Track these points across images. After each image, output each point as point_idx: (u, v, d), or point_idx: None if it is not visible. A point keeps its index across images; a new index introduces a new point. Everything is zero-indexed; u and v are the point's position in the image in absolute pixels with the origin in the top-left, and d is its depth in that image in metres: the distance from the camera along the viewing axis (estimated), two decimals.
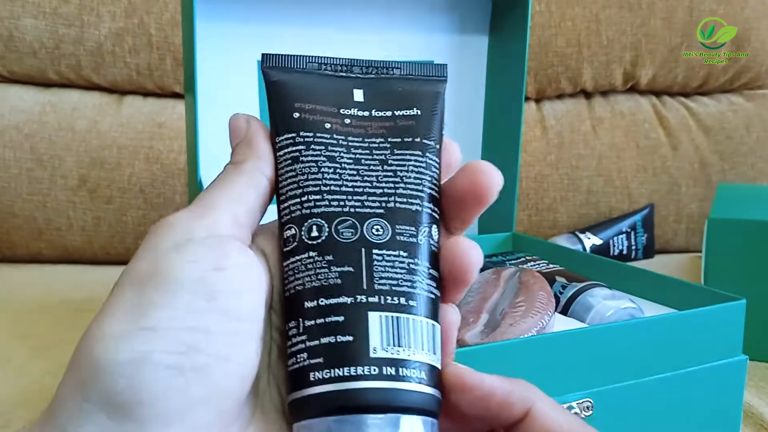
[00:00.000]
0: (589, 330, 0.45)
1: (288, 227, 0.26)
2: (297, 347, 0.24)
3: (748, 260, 0.63)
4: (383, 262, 0.25)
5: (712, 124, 1.03)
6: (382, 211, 0.26)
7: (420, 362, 0.24)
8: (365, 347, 0.24)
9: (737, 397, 0.48)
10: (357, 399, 0.23)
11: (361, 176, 0.27)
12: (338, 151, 0.27)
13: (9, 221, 0.89)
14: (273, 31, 0.63)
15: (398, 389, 0.23)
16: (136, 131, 0.90)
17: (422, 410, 0.24)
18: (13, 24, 0.88)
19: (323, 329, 0.24)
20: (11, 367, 0.60)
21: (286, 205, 0.26)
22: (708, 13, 0.99)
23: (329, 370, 0.23)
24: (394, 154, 0.28)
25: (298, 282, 0.25)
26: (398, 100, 0.29)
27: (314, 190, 0.26)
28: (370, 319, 0.24)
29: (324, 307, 0.24)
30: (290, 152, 0.27)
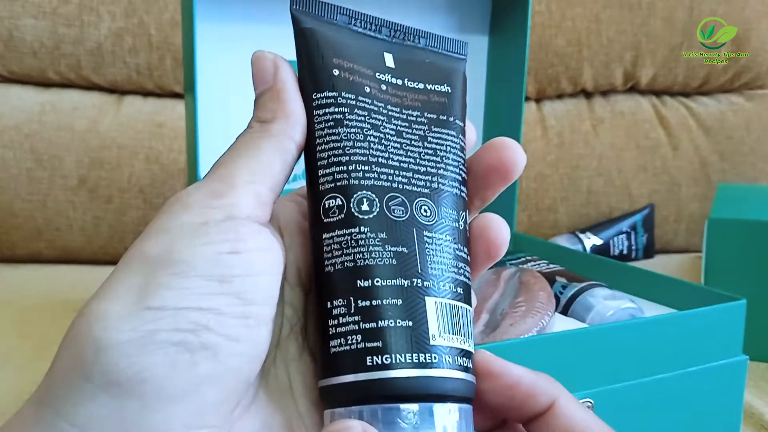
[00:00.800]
0: (589, 330, 0.45)
1: (332, 196, 0.24)
2: (347, 328, 0.23)
3: (748, 260, 0.63)
4: (433, 245, 0.24)
5: (712, 124, 1.02)
6: (428, 191, 0.25)
7: (467, 350, 0.24)
8: (426, 333, 0.23)
9: (737, 398, 0.48)
10: (420, 386, 0.22)
11: (405, 151, 0.25)
12: (381, 119, 0.25)
13: (9, 221, 0.89)
14: (273, 30, 0.63)
15: (457, 378, 0.23)
16: (135, 131, 0.90)
17: (468, 399, 0.23)
18: (13, 24, 0.88)
19: (381, 312, 0.22)
20: (11, 367, 0.60)
21: (329, 172, 0.24)
22: (708, 13, 0.99)
23: (390, 355, 0.22)
24: (432, 131, 0.26)
25: (348, 258, 0.23)
26: (428, 72, 0.28)
27: (362, 159, 0.24)
28: (427, 304, 0.23)
29: (381, 287, 0.23)
30: (332, 113, 0.25)
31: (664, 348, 0.44)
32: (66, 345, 0.22)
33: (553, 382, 0.25)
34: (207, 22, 0.59)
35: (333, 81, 0.25)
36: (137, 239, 0.23)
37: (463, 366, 0.23)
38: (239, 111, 0.62)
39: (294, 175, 0.71)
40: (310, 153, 0.25)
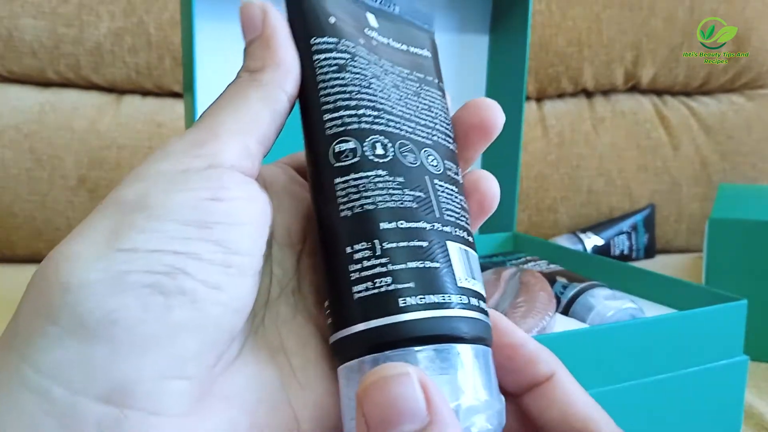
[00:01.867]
0: (589, 330, 0.45)
1: (343, 140, 0.23)
2: (374, 271, 0.22)
3: (749, 260, 0.63)
4: (444, 193, 0.24)
5: (713, 124, 1.02)
6: (430, 142, 0.25)
7: (484, 295, 0.24)
8: (452, 275, 0.22)
9: (738, 398, 0.48)
10: (455, 327, 0.21)
11: (404, 103, 0.25)
12: (378, 71, 0.25)
13: (8, 221, 0.89)
14: None
15: (480, 320, 0.22)
16: (135, 131, 0.90)
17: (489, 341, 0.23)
18: (12, 24, 0.88)
19: (409, 253, 0.22)
20: None
21: (337, 116, 0.23)
22: (709, 13, 0.99)
23: (424, 296, 0.21)
24: (423, 88, 0.26)
25: (367, 201, 0.22)
26: (408, 36, 0.28)
27: (370, 105, 0.24)
28: (450, 247, 0.23)
29: (406, 230, 0.22)
30: (334, 58, 0.24)
31: (664, 348, 0.44)
32: (32, 287, 0.20)
33: (553, 355, 0.24)
34: (206, 22, 0.59)
35: (332, 27, 0.25)
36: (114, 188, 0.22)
37: (483, 309, 0.23)
38: None
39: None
40: (310, 98, 0.24)
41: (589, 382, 0.42)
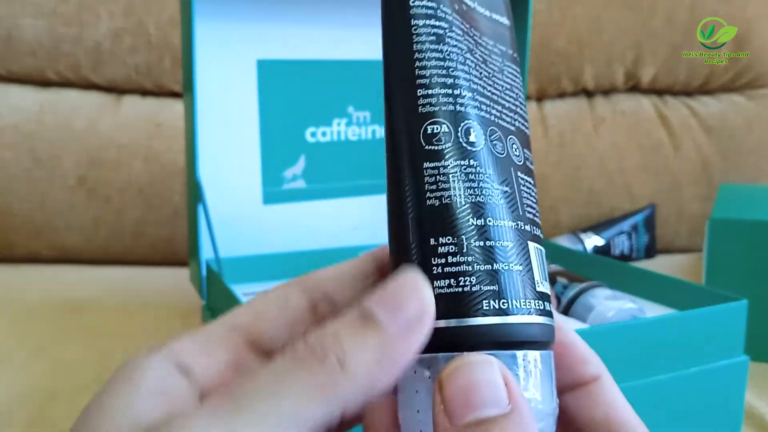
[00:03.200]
0: (590, 331, 0.45)
1: (436, 121, 0.21)
2: (458, 268, 0.21)
3: (749, 260, 0.63)
4: (525, 186, 0.23)
5: (714, 124, 1.02)
6: (513, 128, 0.23)
7: (550, 295, 0.23)
8: (533, 279, 0.22)
9: (738, 398, 0.48)
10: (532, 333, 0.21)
11: (492, 82, 0.23)
12: (471, 43, 0.23)
13: (7, 221, 0.89)
14: (272, 30, 0.63)
15: (550, 325, 0.22)
16: (134, 131, 0.90)
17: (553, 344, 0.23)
18: (11, 23, 0.88)
19: (495, 253, 0.21)
20: (10, 367, 0.60)
21: (432, 93, 0.22)
22: (709, 13, 0.99)
23: (506, 300, 0.21)
24: (505, 65, 0.25)
25: (458, 192, 0.21)
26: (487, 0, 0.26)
27: (466, 85, 0.22)
28: (530, 248, 0.22)
29: (494, 227, 0.21)
30: (434, 26, 0.22)
31: (665, 348, 0.44)
32: None
33: (599, 358, 0.24)
34: (206, 22, 0.59)
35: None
36: None
37: (551, 312, 0.22)
38: (238, 110, 0.62)
39: (294, 175, 0.70)
40: (405, 68, 0.22)
41: None
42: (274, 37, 0.63)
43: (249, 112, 0.63)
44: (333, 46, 0.64)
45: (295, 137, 0.65)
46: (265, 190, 0.64)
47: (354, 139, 0.66)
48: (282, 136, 0.64)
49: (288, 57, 0.63)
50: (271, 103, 0.63)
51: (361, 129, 0.67)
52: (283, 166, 0.65)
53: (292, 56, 0.63)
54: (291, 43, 0.63)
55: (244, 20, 0.61)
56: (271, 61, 0.63)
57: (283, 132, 0.64)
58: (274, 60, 0.63)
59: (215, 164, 0.61)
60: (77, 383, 0.57)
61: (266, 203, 0.64)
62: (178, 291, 0.77)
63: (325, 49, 0.64)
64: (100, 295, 0.78)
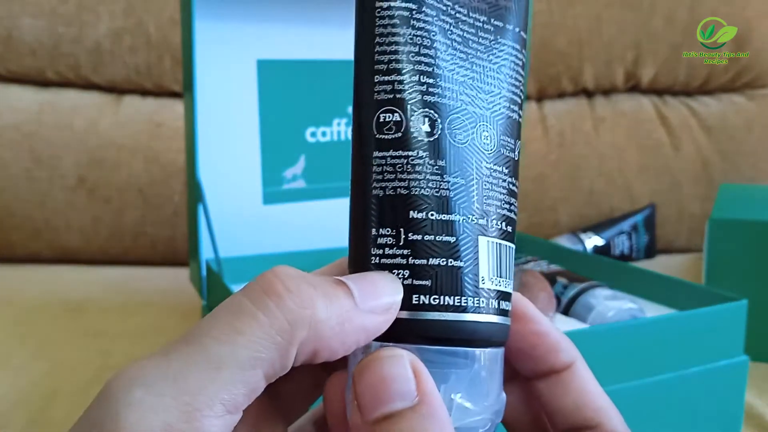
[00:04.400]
0: (590, 331, 0.45)
1: (389, 109, 0.21)
2: (394, 260, 0.21)
3: (749, 261, 0.63)
4: (490, 178, 0.22)
5: (713, 124, 1.02)
6: (488, 113, 0.22)
7: (508, 292, 0.23)
8: (476, 276, 0.21)
9: (738, 398, 0.48)
10: (465, 332, 0.21)
11: (470, 63, 0.22)
12: (448, 22, 0.22)
13: (7, 221, 0.89)
14: (272, 30, 0.63)
15: (500, 323, 0.22)
16: (134, 131, 0.90)
17: (504, 342, 0.23)
18: (11, 23, 0.88)
19: (433, 248, 0.21)
20: (10, 367, 0.60)
21: (388, 80, 0.21)
22: (709, 13, 0.99)
23: (438, 295, 0.21)
24: (497, 41, 0.23)
25: (402, 184, 0.21)
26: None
27: (428, 70, 0.21)
28: (480, 244, 0.21)
29: (436, 222, 0.21)
30: (398, 8, 0.22)
31: (665, 348, 0.44)
32: None
33: (573, 345, 0.24)
34: (206, 22, 0.59)
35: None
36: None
37: (504, 310, 0.22)
38: (238, 110, 0.62)
39: (294, 174, 0.70)
40: (365, 52, 0.22)
41: None
42: (274, 37, 0.63)
43: (249, 112, 0.63)
44: (333, 46, 0.64)
45: (295, 137, 0.65)
46: (265, 190, 0.64)
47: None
48: (282, 136, 0.64)
49: (288, 57, 0.63)
50: (271, 103, 0.63)
51: None
52: (283, 166, 0.65)
53: (292, 56, 0.63)
54: (291, 43, 0.63)
55: (244, 20, 0.61)
56: (271, 61, 0.63)
57: (283, 132, 0.64)
58: (274, 60, 0.63)
59: (215, 164, 0.61)
60: (77, 383, 0.57)
61: (266, 203, 0.64)
62: (178, 291, 0.77)
63: (325, 49, 0.64)
64: (100, 295, 0.78)
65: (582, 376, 0.24)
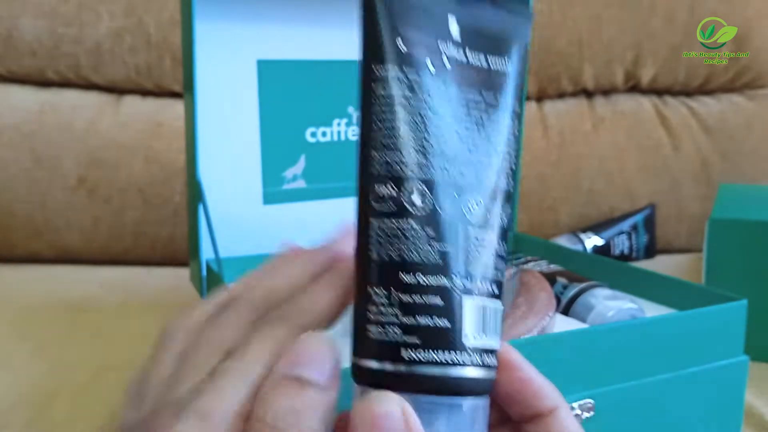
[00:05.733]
0: (590, 330, 0.45)
1: (384, 184, 0.23)
2: (387, 318, 0.23)
3: (749, 260, 0.63)
4: (478, 244, 0.24)
5: (713, 124, 1.02)
6: (478, 185, 0.25)
7: (494, 348, 0.24)
8: (460, 334, 0.23)
9: (738, 398, 0.48)
10: (451, 385, 0.23)
11: (460, 137, 0.24)
12: (440, 102, 0.24)
13: (8, 221, 0.89)
14: (272, 30, 0.63)
15: (484, 378, 0.24)
16: (135, 131, 0.90)
17: (488, 392, 0.25)
18: (12, 23, 0.88)
19: (421, 309, 0.23)
20: (10, 367, 0.60)
21: (382, 156, 0.24)
22: (709, 13, 0.99)
23: (426, 351, 0.23)
24: (489, 116, 0.25)
25: (393, 249, 0.23)
26: (491, 40, 0.26)
27: (418, 147, 0.24)
28: (465, 305, 0.23)
29: (423, 286, 0.23)
30: (392, 90, 0.24)
31: (665, 348, 0.44)
32: None
33: (557, 391, 0.26)
34: (206, 22, 0.59)
35: (396, 54, 0.24)
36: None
37: (488, 364, 0.24)
38: (238, 110, 0.63)
39: (295, 175, 0.70)
40: (364, 129, 0.24)
41: (589, 383, 0.42)
42: (275, 37, 0.63)
43: (249, 112, 0.63)
44: (333, 46, 0.64)
45: (296, 137, 0.65)
46: (266, 190, 0.64)
47: (354, 139, 0.66)
48: (282, 136, 0.64)
49: (288, 57, 0.63)
50: (271, 103, 0.63)
51: None
52: (284, 166, 0.65)
53: (292, 56, 0.63)
54: (291, 44, 0.63)
55: (244, 20, 0.61)
56: (272, 62, 0.63)
57: (283, 132, 0.64)
58: (274, 60, 0.63)
59: (215, 164, 0.61)
60: (77, 383, 0.57)
61: (266, 203, 0.64)
62: (179, 291, 0.77)
63: (326, 50, 0.64)
64: (100, 294, 0.78)
65: (564, 421, 0.26)
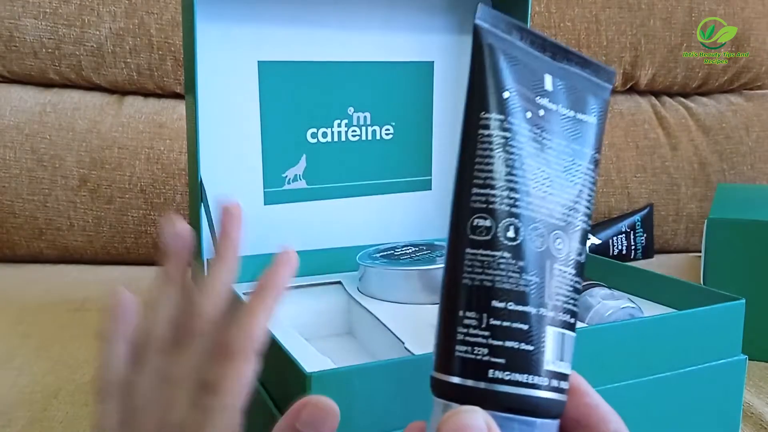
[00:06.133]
0: (588, 330, 0.45)
1: (482, 216, 0.26)
2: (476, 339, 0.25)
3: (747, 260, 0.63)
4: (560, 277, 0.26)
5: (711, 124, 1.03)
6: (563, 224, 0.27)
7: (566, 374, 0.27)
8: (542, 359, 0.25)
9: (737, 397, 0.48)
10: (529, 404, 0.25)
11: (551, 181, 0.27)
12: (536, 147, 0.27)
13: (10, 221, 0.89)
14: (273, 31, 0.63)
15: (558, 400, 0.26)
16: (136, 131, 0.91)
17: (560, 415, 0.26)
18: (13, 24, 0.88)
19: (509, 333, 0.25)
20: (12, 366, 0.60)
21: (483, 193, 0.26)
22: (708, 14, 0.99)
23: (510, 373, 0.25)
24: (574, 163, 0.28)
25: (487, 277, 0.25)
26: (578, 99, 0.29)
27: (515, 187, 0.26)
28: (547, 332, 0.26)
29: (513, 312, 0.25)
30: (497, 135, 0.26)
31: (663, 347, 0.44)
32: None
33: (619, 417, 0.28)
34: (208, 23, 0.59)
35: (503, 103, 0.27)
36: None
37: (562, 389, 0.26)
38: (239, 111, 0.63)
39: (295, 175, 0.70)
40: (467, 168, 0.26)
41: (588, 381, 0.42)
42: (275, 38, 0.63)
43: (250, 113, 0.63)
44: (333, 47, 0.65)
45: (296, 138, 0.65)
46: (267, 191, 0.65)
47: (354, 140, 0.67)
48: (283, 137, 0.64)
49: (289, 58, 0.64)
50: (272, 104, 0.63)
51: (361, 130, 0.67)
52: (285, 166, 0.65)
53: (292, 58, 0.64)
54: (292, 45, 0.63)
55: (245, 22, 0.62)
56: (272, 63, 0.63)
57: (284, 133, 0.64)
58: (275, 61, 0.63)
59: (217, 165, 0.61)
60: (79, 382, 0.57)
61: (267, 203, 0.65)
62: None
63: (326, 51, 0.64)
64: (102, 294, 0.78)
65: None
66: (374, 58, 0.66)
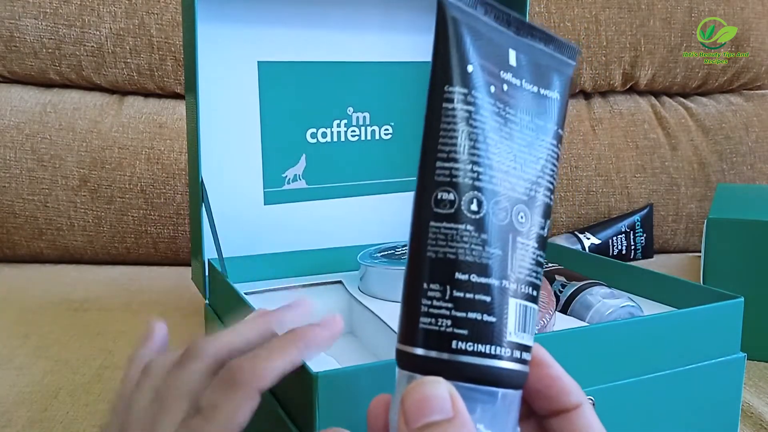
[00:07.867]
0: (588, 329, 0.45)
1: (446, 189, 0.26)
2: (439, 311, 0.25)
3: (746, 260, 0.63)
4: (522, 250, 0.27)
5: (711, 125, 1.03)
6: (526, 198, 0.27)
7: (529, 345, 0.27)
8: (504, 330, 0.26)
9: (735, 395, 0.48)
10: (491, 375, 0.25)
11: (514, 156, 0.27)
12: (499, 122, 0.27)
13: (10, 221, 0.89)
14: (273, 32, 0.63)
15: (520, 371, 0.26)
16: (137, 131, 0.91)
17: (521, 385, 0.27)
18: (13, 24, 0.88)
19: (472, 304, 0.25)
20: (11, 366, 0.60)
21: (447, 166, 0.26)
22: (707, 14, 0.99)
23: (473, 344, 0.25)
24: (538, 138, 0.28)
25: (450, 250, 0.26)
26: (542, 75, 0.29)
27: (478, 160, 0.26)
28: (510, 304, 0.26)
29: (476, 284, 0.25)
30: (460, 109, 0.26)
31: (662, 346, 0.44)
32: None
33: (580, 389, 0.28)
34: (208, 23, 0.59)
35: (467, 77, 0.27)
36: None
37: (524, 360, 0.26)
38: (240, 111, 0.63)
39: (295, 175, 0.70)
40: (431, 141, 0.26)
41: (588, 380, 0.42)
42: (275, 39, 0.63)
43: (250, 114, 0.63)
44: (333, 47, 0.65)
45: (296, 138, 0.65)
46: (267, 191, 0.65)
47: (354, 140, 0.67)
48: (283, 137, 0.64)
49: (289, 59, 0.64)
50: (272, 105, 0.64)
51: (360, 130, 0.67)
52: (284, 166, 0.65)
53: (292, 58, 0.64)
54: (292, 46, 0.64)
55: (245, 22, 0.62)
56: (272, 63, 0.63)
57: (284, 133, 0.64)
58: (275, 62, 0.63)
59: (217, 165, 0.61)
60: (79, 382, 0.57)
61: (267, 203, 0.65)
62: (181, 290, 0.77)
63: (326, 52, 0.65)
64: (102, 294, 0.78)
65: (587, 417, 0.28)
66: (374, 58, 0.66)
